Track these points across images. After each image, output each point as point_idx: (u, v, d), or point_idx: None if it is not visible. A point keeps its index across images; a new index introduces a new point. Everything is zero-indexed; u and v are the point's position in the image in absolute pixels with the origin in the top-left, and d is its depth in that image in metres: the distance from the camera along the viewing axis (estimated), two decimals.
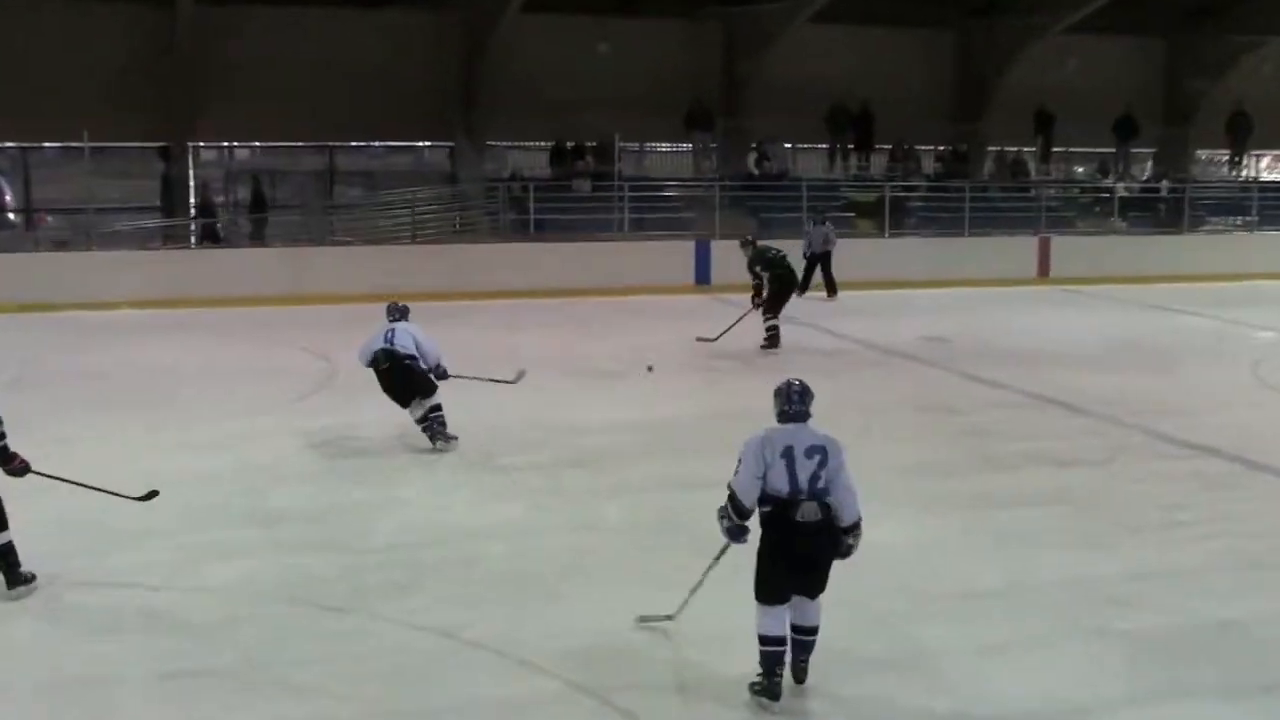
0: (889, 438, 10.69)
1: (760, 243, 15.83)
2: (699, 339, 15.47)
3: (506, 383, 11.35)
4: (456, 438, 10.21)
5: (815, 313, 18.37)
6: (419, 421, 10.20)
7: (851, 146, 25.28)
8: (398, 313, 10.62)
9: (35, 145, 23.48)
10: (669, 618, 6.48)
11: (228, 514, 8.51)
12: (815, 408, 5.95)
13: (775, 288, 15.19)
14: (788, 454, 5.68)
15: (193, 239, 22.24)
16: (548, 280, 19.81)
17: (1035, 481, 9.52)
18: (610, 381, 13.44)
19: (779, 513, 5.68)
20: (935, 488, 9.25)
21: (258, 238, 22.14)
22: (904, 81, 25.47)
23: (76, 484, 7.72)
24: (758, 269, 15.25)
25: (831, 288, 20.45)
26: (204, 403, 12.17)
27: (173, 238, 22.16)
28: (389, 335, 10.29)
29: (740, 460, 5.81)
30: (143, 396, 12.40)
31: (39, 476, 7.25)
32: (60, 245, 21.48)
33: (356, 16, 22.83)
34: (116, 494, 7.81)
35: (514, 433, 10.85)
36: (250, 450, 10.14)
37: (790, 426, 5.82)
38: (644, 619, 6.52)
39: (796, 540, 5.68)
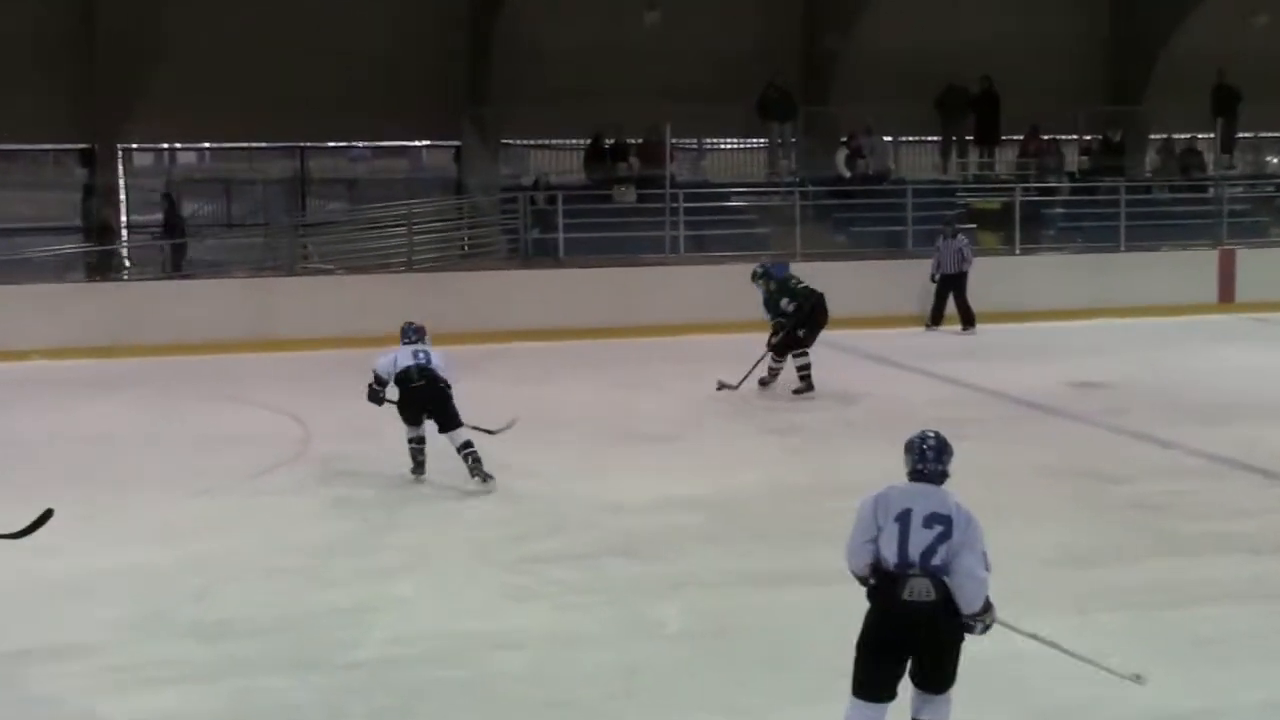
0: (1027, 514, 10.56)
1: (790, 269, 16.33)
2: (720, 386, 15.66)
3: (488, 432, 11.81)
4: (491, 478, 11.32)
5: (929, 352, 18.26)
6: (460, 449, 11.39)
7: (970, 138, 25.27)
8: (416, 333, 11.73)
9: None
10: None
11: (168, 623, 8.48)
12: None
13: (803, 318, 15.56)
14: (903, 518, 5.85)
15: (126, 265, 22.31)
16: (581, 316, 19.86)
17: (1224, 571, 9.35)
18: (662, 446, 13.37)
19: (884, 587, 5.85)
20: (1092, 580, 9.11)
21: (174, 269, 22.18)
22: (1039, 53, 25.48)
23: None
24: (783, 302, 15.67)
25: (968, 318, 20.58)
26: (140, 479, 12.16)
27: (99, 267, 22.29)
28: (421, 355, 11.49)
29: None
30: (60, 472, 12.37)
31: None
32: None
33: None
34: None
35: (541, 510, 10.80)
36: (199, 540, 10.12)
37: (916, 487, 5.99)
38: None
39: (900, 622, 5.81)
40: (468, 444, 11.46)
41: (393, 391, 11.63)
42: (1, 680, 7.62)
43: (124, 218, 23.36)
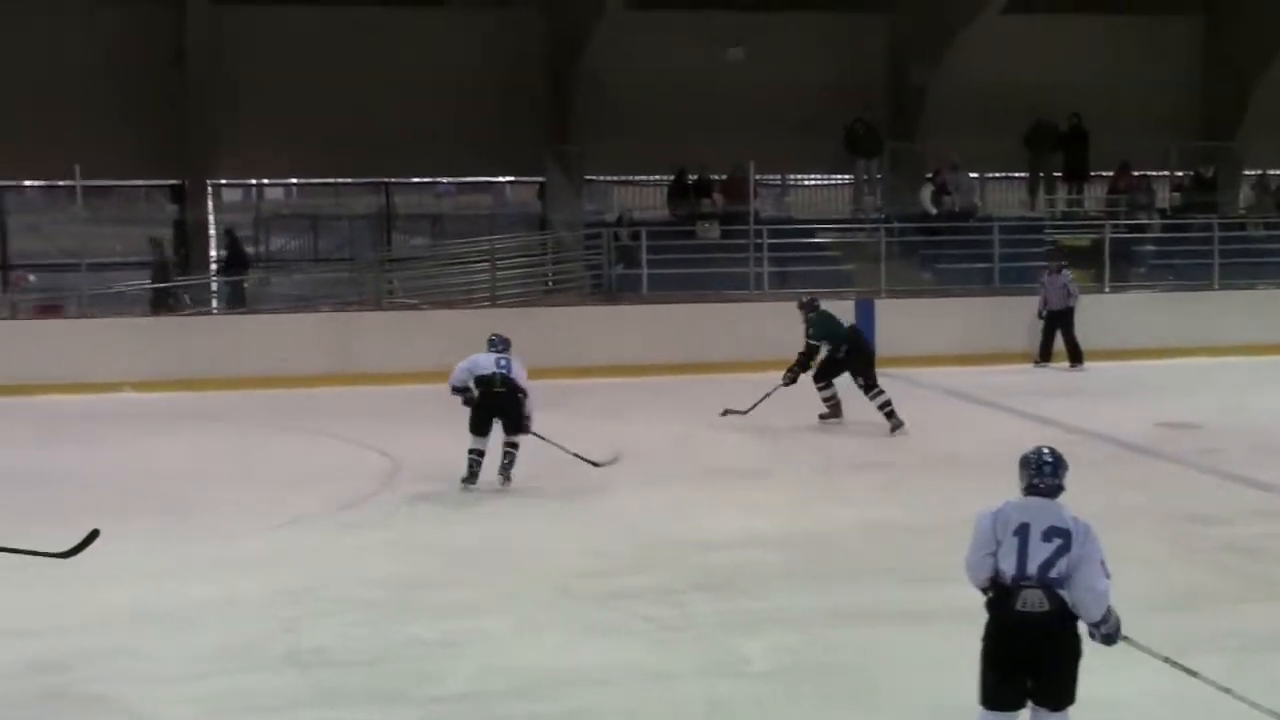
0: (1119, 556, 10.28)
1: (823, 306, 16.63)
2: (726, 411, 16.01)
3: (594, 464, 12.70)
4: (510, 480, 12.54)
5: (1022, 390, 18.18)
6: (506, 445, 12.55)
7: (1059, 175, 25.14)
8: (502, 343, 12.84)
9: (14, 184, 24.16)
10: None
11: (259, 654, 8.56)
12: None
13: (842, 356, 16.08)
14: (1021, 532, 6.00)
15: (214, 302, 22.62)
16: (664, 352, 19.94)
17: None
18: (749, 481, 13.39)
19: (999, 599, 6.00)
20: (1190, 626, 8.98)
21: (236, 303, 22.40)
22: (1130, 88, 25.33)
23: None
24: (825, 340, 16.11)
25: (1075, 354, 20.65)
26: (227, 512, 12.31)
27: (199, 301, 22.52)
28: (503, 362, 12.58)
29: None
30: (147, 505, 12.55)
31: None
32: (44, 310, 22.02)
33: (417, 17, 23.36)
34: (37, 552, 8.10)
35: (627, 546, 10.83)
36: (287, 572, 10.21)
37: (1034, 501, 6.13)
38: None
39: (1015, 633, 5.94)
40: (515, 445, 12.65)
41: None
42: (96, 708, 7.73)
43: (212, 252, 23.66)
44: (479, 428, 12.59)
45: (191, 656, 8.29)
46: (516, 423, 12.62)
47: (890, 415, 15.64)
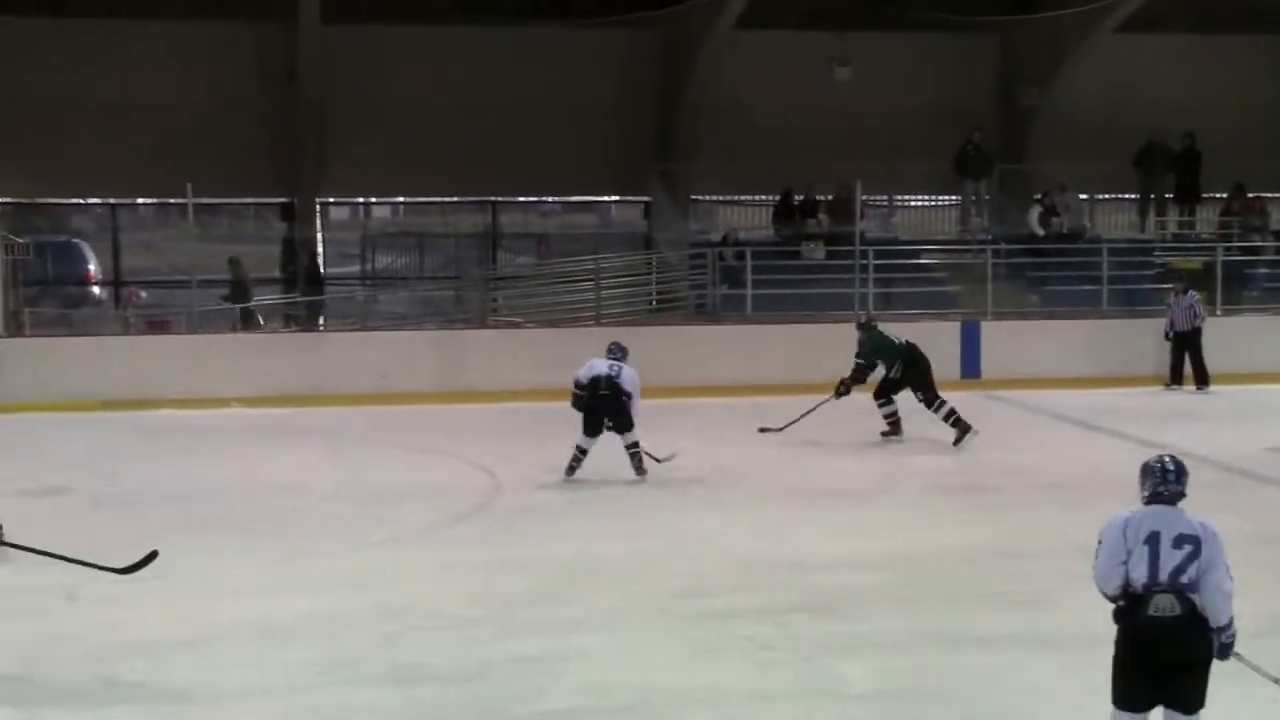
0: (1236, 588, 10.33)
1: (880, 325, 16.89)
2: (763, 429, 16.36)
3: (656, 459, 13.85)
4: (645, 472, 13.76)
5: (1124, 414, 17.99)
6: (628, 448, 13.68)
7: (1170, 196, 24.87)
8: (620, 352, 13.86)
9: (126, 202, 24.59)
10: None
11: (360, 668, 8.67)
12: None
13: (898, 374, 16.26)
14: (1152, 540, 6.13)
15: (321, 319, 22.90)
16: (769, 372, 19.92)
17: None
18: (846, 504, 13.39)
19: (1130, 607, 6.11)
20: None
21: (309, 324, 22.62)
22: (1244, 108, 25.01)
23: (45, 554, 8.47)
24: (877, 359, 16.32)
25: (1202, 376, 20.54)
26: (331, 527, 12.49)
27: (296, 317, 22.86)
28: (615, 369, 13.61)
29: (1099, 543, 6.26)
30: (255, 519, 12.79)
31: None
32: (156, 326, 22.38)
33: (523, 38, 23.49)
34: (98, 566, 8.48)
35: (727, 567, 10.86)
36: (389, 587, 10.34)
37: (1159, 509, 6.27)
38: None
39: (1148, 638, 6.07)
40: (633, 445, 13.74)
41: None
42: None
43: (322, 270, 23.94)
44: (588, 429, 13.68)
45: (296, 670, 8.42)
46: (623, 423, 13.65)
47: (956, 423, 15.80)
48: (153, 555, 8.55)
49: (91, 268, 25.05)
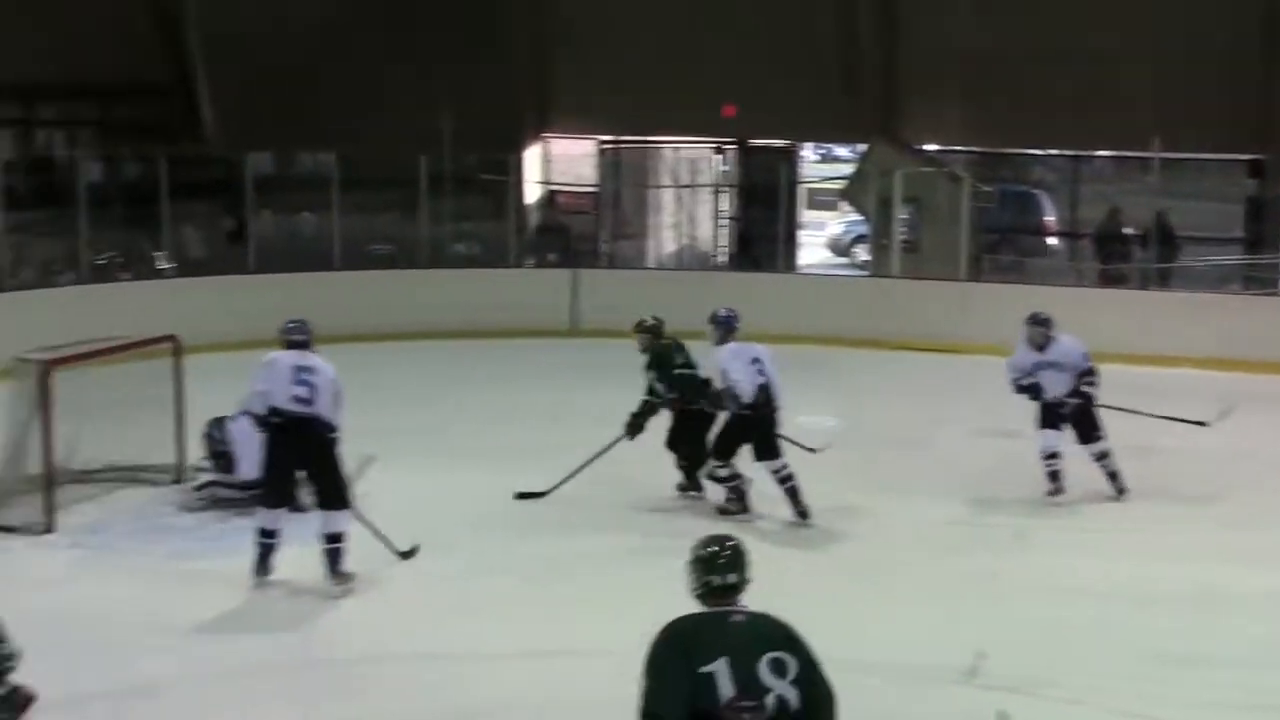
0: None
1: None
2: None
3: (810, 450, 12.25)
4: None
5: None
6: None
7: None
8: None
9: (1086, 154, 25.15)
10: None
11: None
12: None
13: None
14: None
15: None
16: None
17: None
18: None
19: None
20: None
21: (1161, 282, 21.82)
22: None
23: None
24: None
25: None
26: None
27: (1256, 279, 22.40)
28: None
29: None
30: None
31: None
32: (1109, 281, 22.57)
33: None
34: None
35: None
36: None
37: None
38: None
39: None
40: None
41: None
42: None
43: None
44: None
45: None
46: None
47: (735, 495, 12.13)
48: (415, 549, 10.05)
49: (1049, 218, 25.64)
